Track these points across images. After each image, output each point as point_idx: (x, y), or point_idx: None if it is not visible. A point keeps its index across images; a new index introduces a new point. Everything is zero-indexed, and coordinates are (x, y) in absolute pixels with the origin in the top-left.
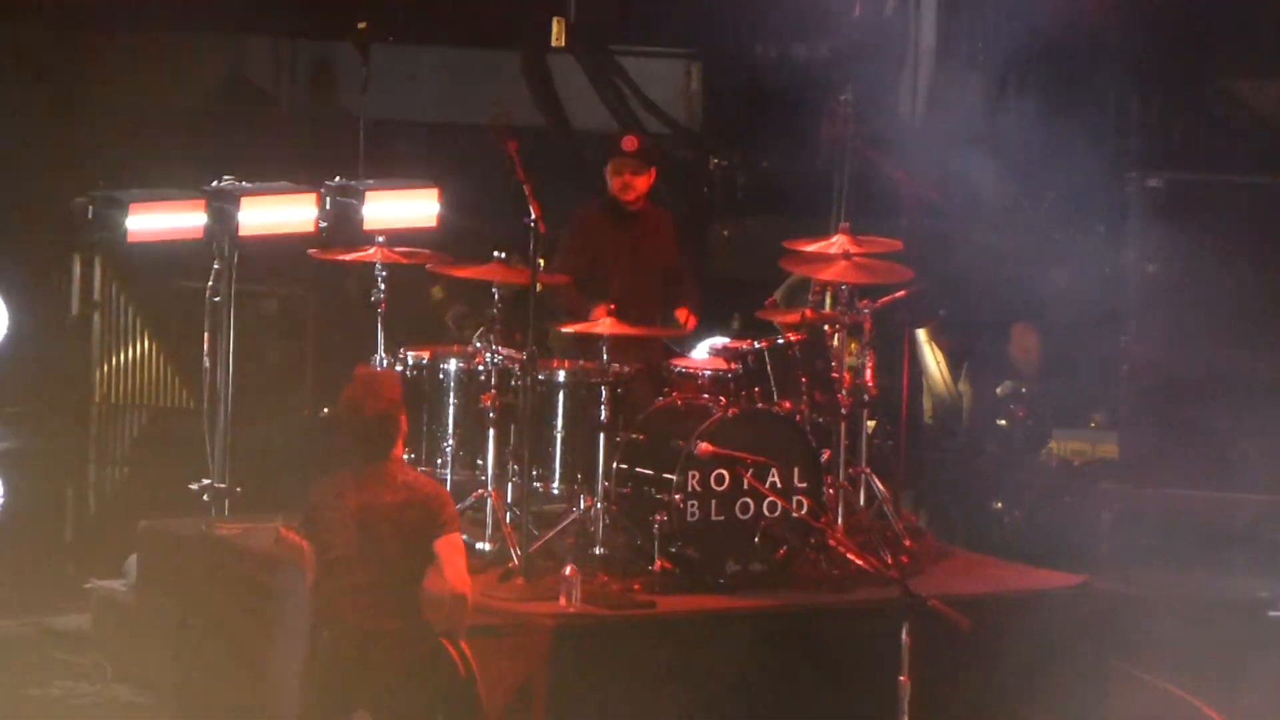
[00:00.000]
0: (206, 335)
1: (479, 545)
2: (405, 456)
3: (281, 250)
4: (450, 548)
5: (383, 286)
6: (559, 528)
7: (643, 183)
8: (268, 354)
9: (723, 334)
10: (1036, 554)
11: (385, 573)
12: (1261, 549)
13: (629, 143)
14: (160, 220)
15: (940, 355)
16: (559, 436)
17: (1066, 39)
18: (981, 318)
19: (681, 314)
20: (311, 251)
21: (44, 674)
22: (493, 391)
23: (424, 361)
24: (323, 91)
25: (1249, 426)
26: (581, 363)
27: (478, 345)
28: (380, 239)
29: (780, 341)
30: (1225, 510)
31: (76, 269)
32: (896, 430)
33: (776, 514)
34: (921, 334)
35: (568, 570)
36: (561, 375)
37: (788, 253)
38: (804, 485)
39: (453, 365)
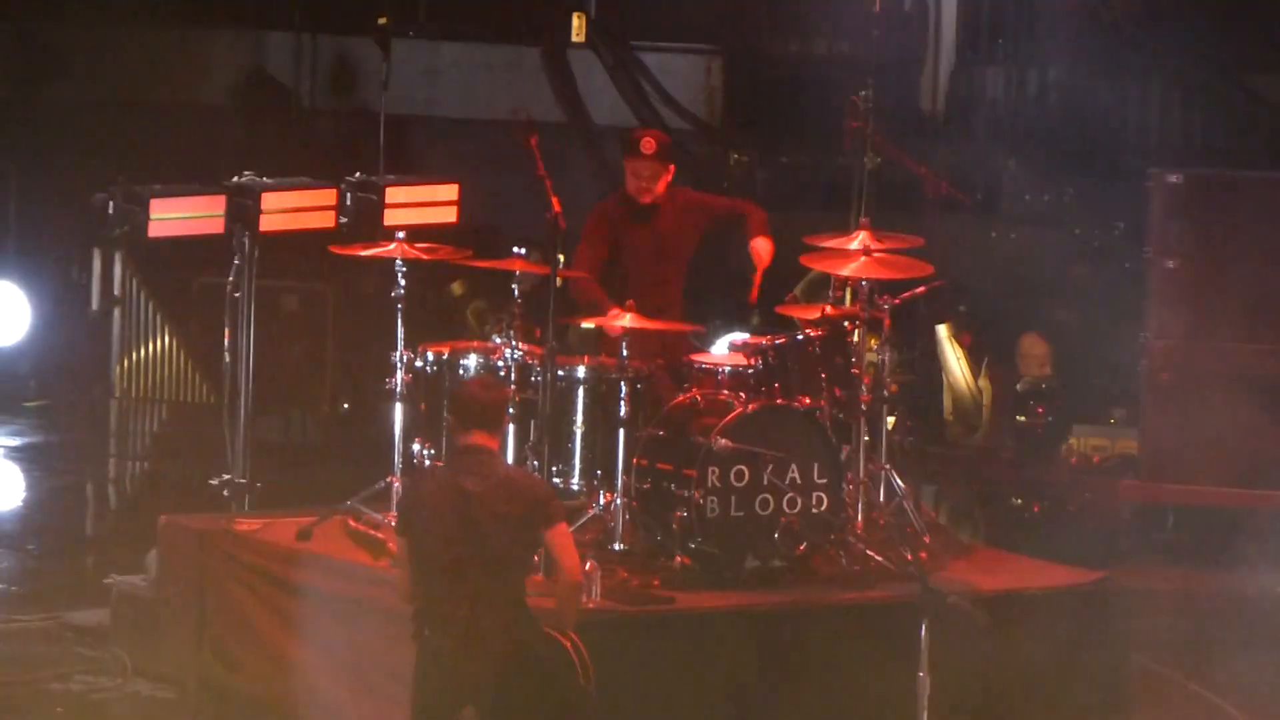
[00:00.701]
0: (227, 330)
1: None
2: (426, 451)
3: (302, 246)
4: (560, 536)
5: (403, 282)
6: (579, 523)
7: (660, 183)
8: (288, 349)
9: (742, 329)
10: (1056, 550)
11: (487, 566)
12: None
13: (647, 145)
14: (181, 215)
15: (961, 352)
16: (579, 432)
17: (1087, 35)
18: (1002, 314)
19: (756, 247)
20: (332, 247)
21: (64, 668)
22: (512, 387)
23: (444, 357)
24: (343, 87)
25: (1270, 422)
26: (601, 358)
27: (497, 341)
28: (400, 234)
29: (800, 337)
30: (1246, 506)
31: (97, 264)
32: (917, 426)
33: (796, 510)
34: (942, 330)
35: (587, 566)
36: (581, 371)
37: (808, 248)
38: (824, 481)
39: (472, 361)
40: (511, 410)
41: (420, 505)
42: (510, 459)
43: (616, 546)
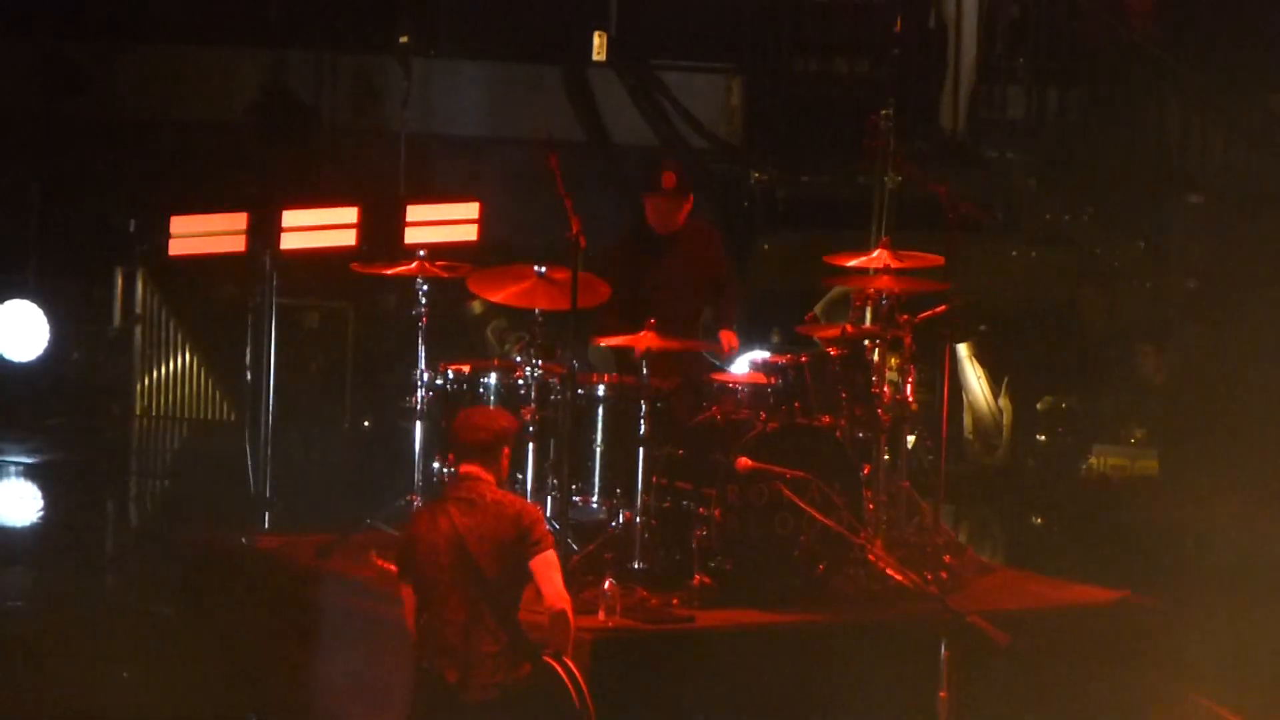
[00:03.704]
0: (248, 348)
1: None
2: (447, 469)
3: (322, 264)
4: (546, 565)
5: (423, 300)
6: (598, 542)
7: (682, 215)
8: (308, 367)
9: (762, 348)
10: (1076, 569)
11: (482, 595)
12: None
13: (668, 180)
14: (202, 234)
15: (981, 370)
16: (598, 451)
17: (1108, 54)
18: (1022, 334)
19: (726, 337)
20: (352, 265)
21: None
22: (532, 405)
23: (464, 375)
24: (364, 106)
25: None
26: (621, 377)
27: (517, 359)
28: (421, 253)
29: (820, 356)
30: (1265, 526)
31: (118, 282)
32: (937, 445)
33: (816, 529)
34: (963, 349)
35: (606, 584)
36: (601, 389)
37: (828, 267)
38: (843, 500)
39: (493, 379)
40: (531, 429)
41: (415, 543)
42: (530, 477)
43: (636, 565)
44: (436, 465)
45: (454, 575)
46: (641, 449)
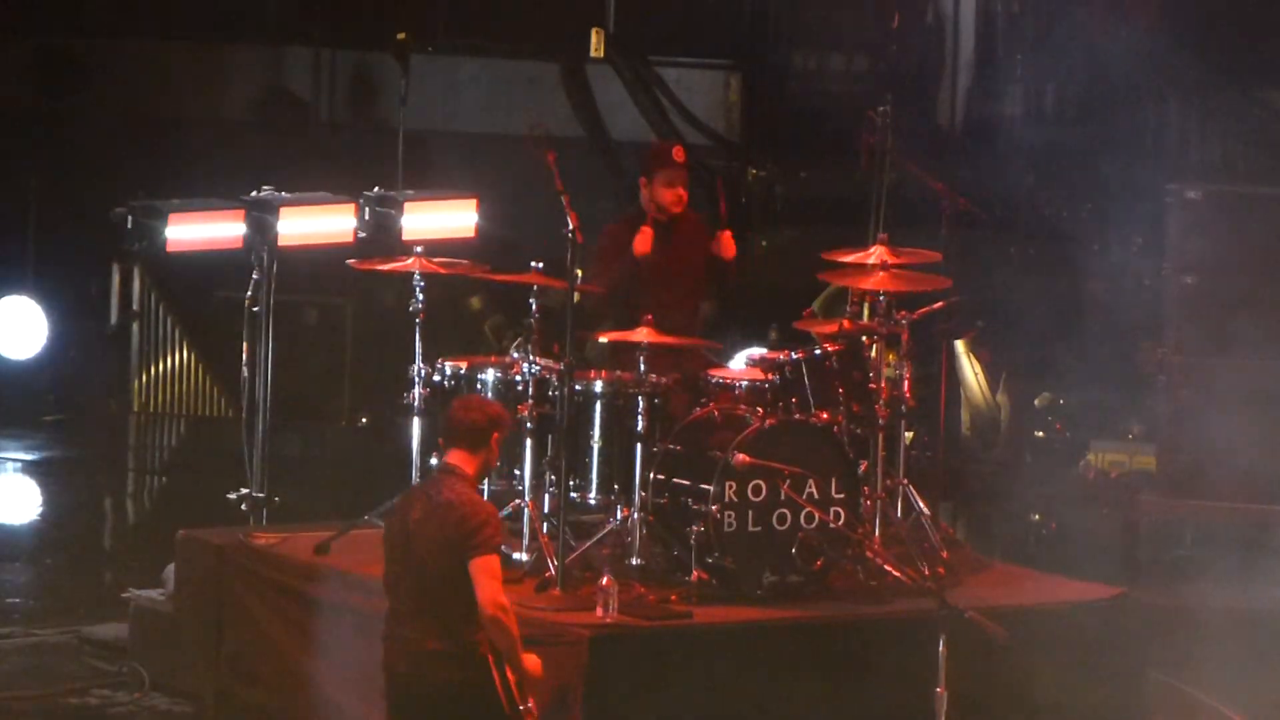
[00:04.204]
0: (245, 345)
1: (516, 556)
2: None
3: (320, 260)
4: (479, 570)
5: (421, 297)
6: (596, 538)
7: (687, 193)
8: (306, 364)
9: (760, 344)
10: (1074, 566)
11: (426, 591)
12: None
13: (679, 153)
14: (199, 230)
15: (979, 367)
16: (596, 447)
17: (1105, 50)
18: (1020, 330)
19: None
20: (350, 262)
21: (82, 682)
22: (530, 402)
23: (461, 371)
24: (362, 102)
25: None
26: (619, 373)
27: (515, 355)
28: (419, 249)
29: (818, 352)
30: (1264, 522)
31: (116, 279)
32: (934, 442)
33: (814, 525)
34: (960, 345)
35: (604, 581)
36: (599, 385)
37: (826, 263)
38: (841, 496)
39: (490, 375)
40: (529, 425)
41: (388, 530)
42: (528, 474)
43: (634, 561)
44: (435, 461)
45: (404, 568)
46: (639, 445)
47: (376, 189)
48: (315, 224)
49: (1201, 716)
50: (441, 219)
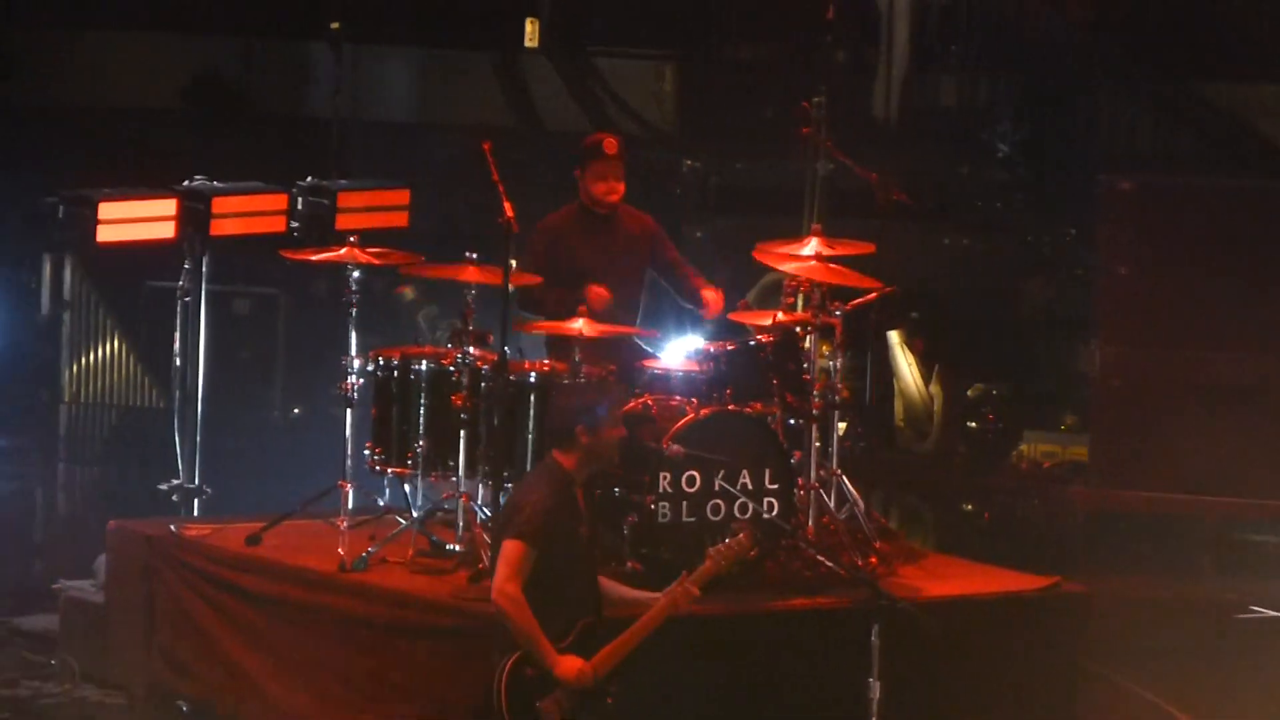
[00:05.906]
0: (177, 335)
1: (450, 546)
2: (376, 456)
3: (253, 250)
4: (499, 553)
5: (354, 287)
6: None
7: (622, 185)
8: (238, 354)
9: (695, 335)
10: (1007, 556)
11: None
12: (1230, 551)
13: (611, 145)
14: (131, 219)
15: (912, 358)
16: (530, 438)
17: (1040, 41)
18: (953, 321)
19: (712, 295)
20: (283, 251)
21: (11, 674)
22: (464, 392)
23: (395, 362)
24: (295, 92)
25: (1218, 429)
26: (553, 364)
27: (449, 346)
28: (352, 239)
29: (752, 343)
30: (1194, 512)
31: (47, 268)
32: (868, 432)
33: (748, 516)
34: (894, 337)
35: None
36: (533, 377)
37: (760, 254)
38: (775, 487)
39: (424, 366)
40: (463, 416)
41: None
42: (462, 465)
43: None
44: (367, 453)
45: None
46: None
47: (309, 179)
48: (247, 214)
49: (1132, 705)
50: (374, 209)
